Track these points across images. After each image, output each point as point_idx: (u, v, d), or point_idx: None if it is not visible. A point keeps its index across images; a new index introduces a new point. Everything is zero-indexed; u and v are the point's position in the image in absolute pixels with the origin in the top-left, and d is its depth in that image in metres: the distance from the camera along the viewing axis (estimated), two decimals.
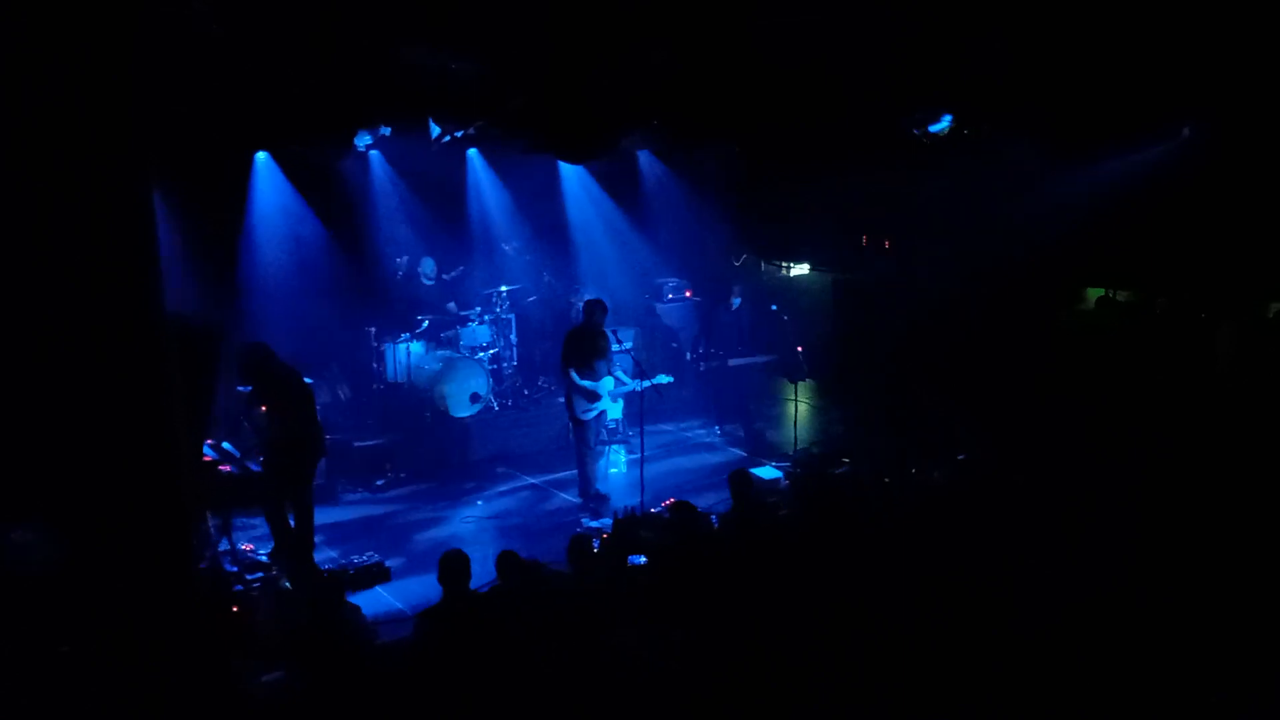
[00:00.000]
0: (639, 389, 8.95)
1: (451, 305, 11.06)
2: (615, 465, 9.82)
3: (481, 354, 10.68)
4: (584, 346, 8.64)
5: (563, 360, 8.68)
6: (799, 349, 10.20)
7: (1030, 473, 7.57)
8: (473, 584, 5.69)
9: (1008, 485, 7.27)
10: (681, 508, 6.64)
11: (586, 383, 8.60)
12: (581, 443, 8.80)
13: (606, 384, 8.72)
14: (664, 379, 9.19)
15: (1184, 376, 8.85)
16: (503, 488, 9.63)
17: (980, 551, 5.92)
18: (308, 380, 7.75)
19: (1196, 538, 6.03)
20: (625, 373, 9.01)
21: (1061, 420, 8.72)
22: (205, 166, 9.10)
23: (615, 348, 8.87)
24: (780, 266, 13.52)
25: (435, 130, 9.28)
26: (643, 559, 6.49)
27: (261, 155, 10.06)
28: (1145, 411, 8.64)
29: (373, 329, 10.42)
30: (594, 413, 8.71)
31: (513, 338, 11.24)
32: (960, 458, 8.48)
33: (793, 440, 9.99)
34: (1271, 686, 4.59)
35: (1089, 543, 5.96)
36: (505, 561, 5.78)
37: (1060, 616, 5.20)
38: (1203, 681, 4.66)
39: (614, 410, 9.53)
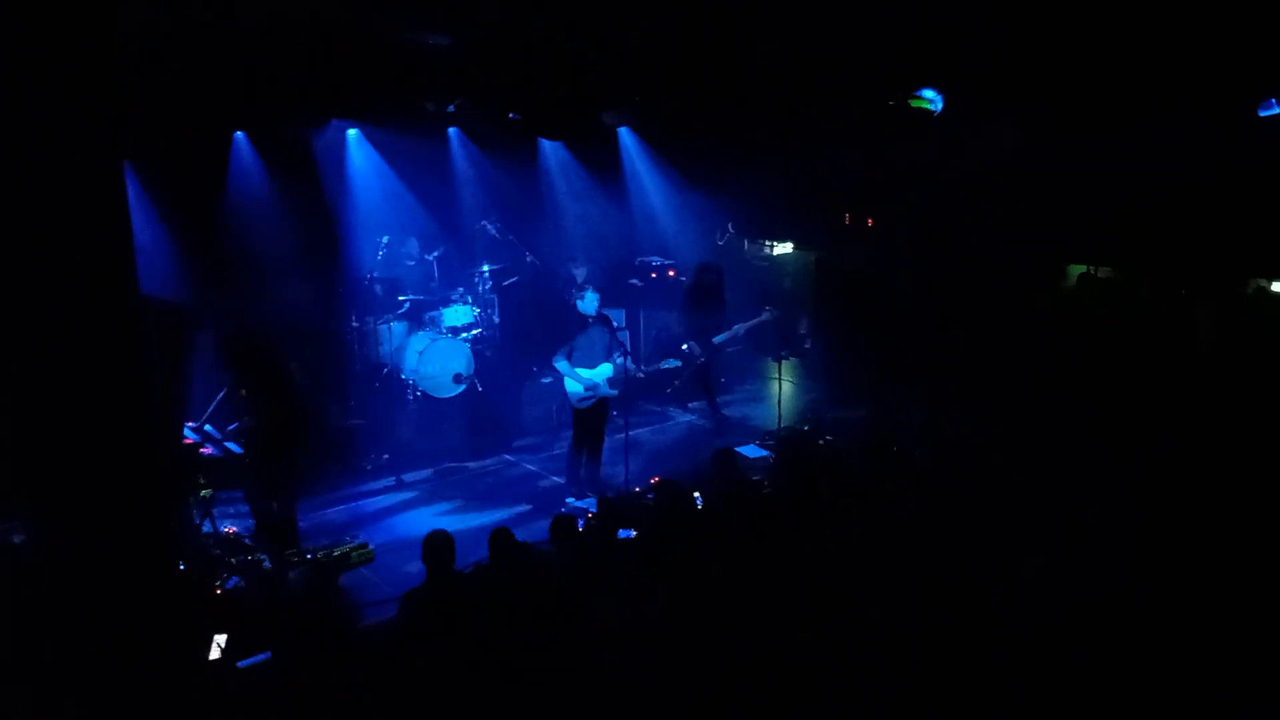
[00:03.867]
0: (640, 375, 8.83)
1: (433, 285, 11.00)
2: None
3: (464, 334, 10.63)
4: (578, 333, 8.44)
5: (555, 349, 8.44)
6: (780, 333, 10.17)
7: (1012, 452, 7.62)
8: (456, 565, 5.69)
9: (989, 464, 7.31)
10: (666, 486, 6.65)
11: (581, 370, 8.44)
12: (573, 429, 8.70)
13: (603, 371, 8.51)
14: (671, 363, 9.11)
15: (1165, 353, 8.92)
16: (486, 468, 9.61)
17: (961, 528, 5.96)
18: (289, 363, 7.69)
19: (1182, 517, 6.08)
20: (624, 356, 8.64)
21: (1043, 399, 8.79)
22: (182, 147, 8.98)
23: (609, 331, 8.59)
24: (763, 245, 13.54)
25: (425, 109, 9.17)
26: (632, 533, 6.49)
27: (239, 135, 9.94)
28: (1127, 388, 8.70)
29: (353, 309, 10.35)
30: (590, 401, 8.55)
31: (495, 318, 11.18)
32: (943, 436, 8.52)
33: (777, 418, 10.02)
34: (1271, 685, 4.63)
35: (1071, 518, 6.00)
36: (498, 538, 5.77)
37: (1038, 587, 5.25)
38: (1198, 674, 4.69)
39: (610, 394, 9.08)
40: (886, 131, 9.84)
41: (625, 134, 12.16)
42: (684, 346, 10.54)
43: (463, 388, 10.29)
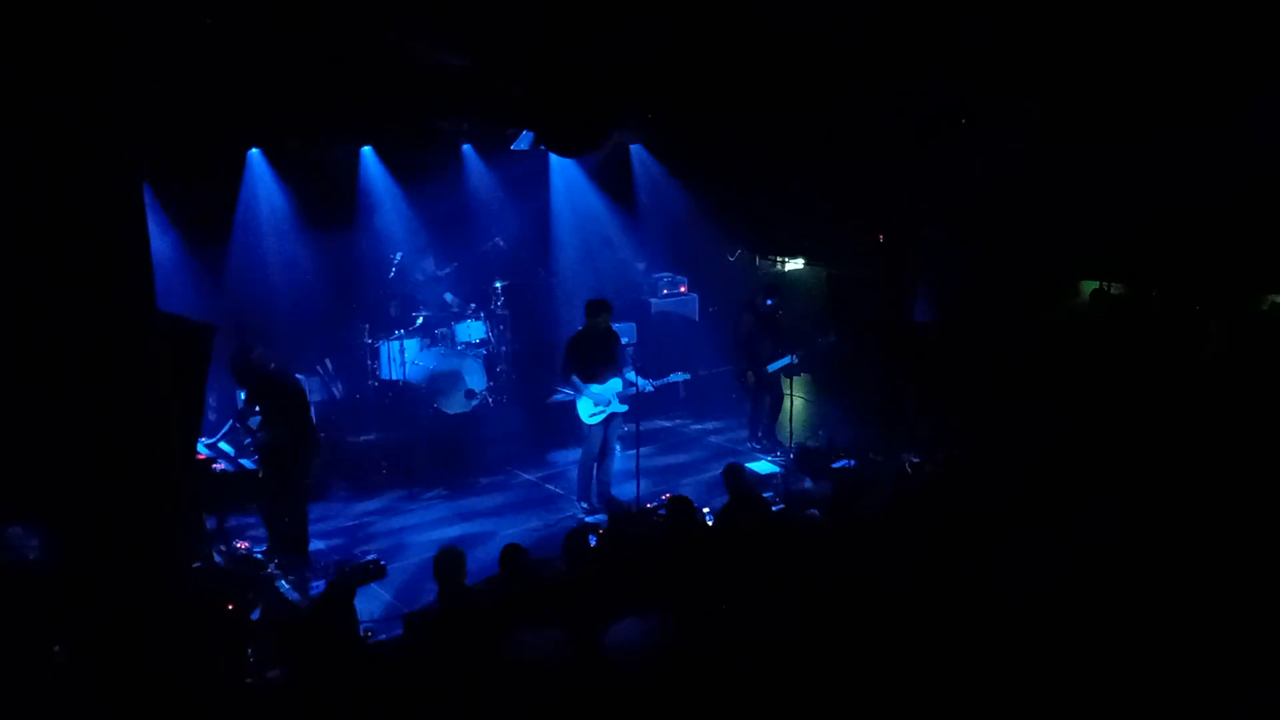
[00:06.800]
0: (649, 389, 8.82)
1: (446, 299, 11.04)
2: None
3: (477, 350, 10.66)
4: (588, 349, 8.42)
5: (565, 365, 8.45)
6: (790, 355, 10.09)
7: (1023, 467, 7.57)
8: (468, 581, 5.69)
9: (1001, 479, 7.27)
10: (679, 503, 6.63)
11: (592, 386, 8.45)
12: (584, 444, 8.71)
13: (613, 386, 8.52)
14: (679, 376, 9.10)
15: (1178, 368, 8.87)
16: (499, 484, 9.62)
17: (974, 546, 5.92)
18: (301, 378, 7.73)
19: (1191, 534, 6.03)
20: (634, 372, 8.60)
21: (1055, 413, 8.73)
22: (197, 163, 9.08)
23: (620, 347, 8.60)
24: (774, 261, 13.55)
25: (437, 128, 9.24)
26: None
27: (254, 152, 10.03)
28: (1139, 404, 8.65)
29: (366, 325, 10.40)
30: (601, 416, 8.56)
31: (507, 333, 11.22)
32: (956, 452, 8.47)
33: (789, 434, 9.99)
34: (1268, 685, 4.59)
35: (1080, 538, 5.96)
36: (510, 554, 5.77)
37: (1052, 610, 5.21)
38: (1195, 678, 4.66)
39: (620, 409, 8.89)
40: (899, 147, 9.84)
41: (638, 150, 12.22)
42: (740, 377, 10.08)
43: (475, 403, 10.32)
